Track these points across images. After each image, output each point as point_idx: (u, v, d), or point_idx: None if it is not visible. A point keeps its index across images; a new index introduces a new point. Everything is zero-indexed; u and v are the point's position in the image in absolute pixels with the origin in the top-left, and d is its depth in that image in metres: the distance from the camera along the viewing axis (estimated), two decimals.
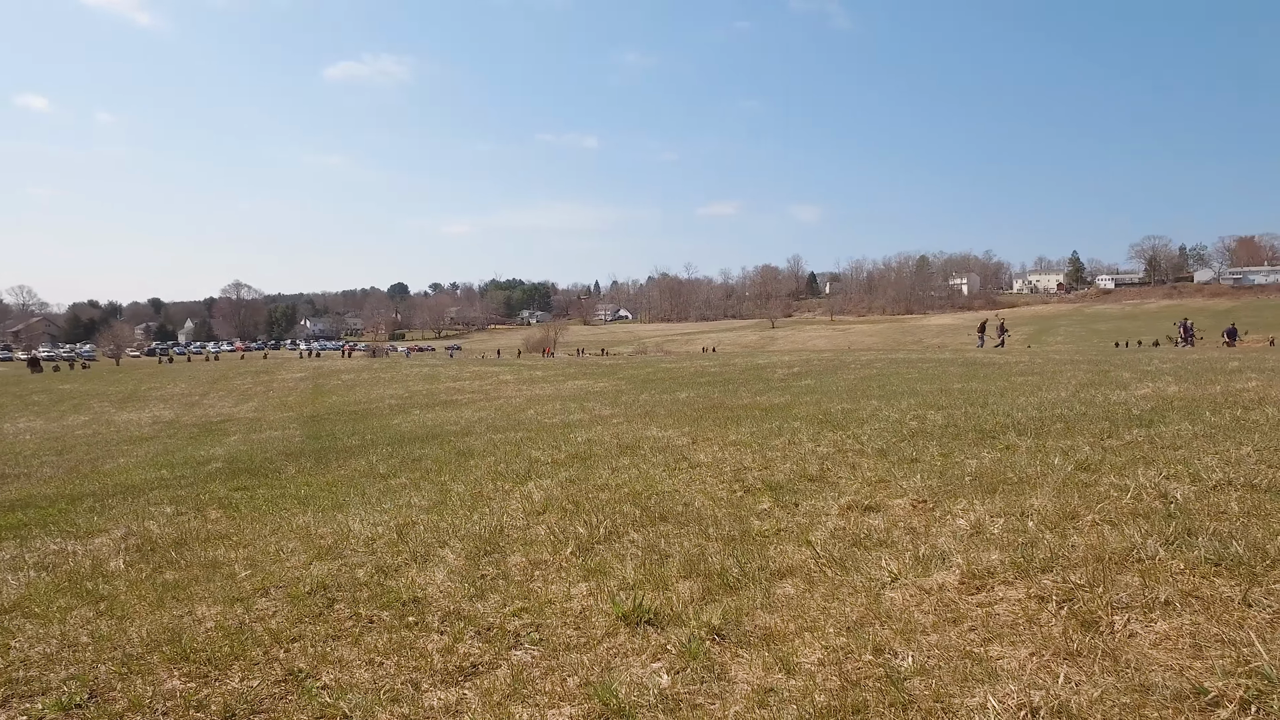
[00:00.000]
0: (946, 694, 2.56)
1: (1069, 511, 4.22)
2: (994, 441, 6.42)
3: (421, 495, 6.77)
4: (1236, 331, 40.94)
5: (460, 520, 5.54)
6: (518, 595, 3.94)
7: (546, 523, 5.22)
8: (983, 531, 4.09)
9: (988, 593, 3.35)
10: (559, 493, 6.14)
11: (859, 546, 4.11)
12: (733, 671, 2.93)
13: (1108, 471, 5.00)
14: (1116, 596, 3.09)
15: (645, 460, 7.21)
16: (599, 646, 3.27)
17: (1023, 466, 5.34)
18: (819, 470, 5.97)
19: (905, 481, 5.30)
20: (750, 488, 5.69)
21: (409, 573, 4.44)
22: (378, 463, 9.22)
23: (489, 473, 7.51)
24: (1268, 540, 3.42)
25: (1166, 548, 3.51)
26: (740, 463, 6.59)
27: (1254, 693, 2.34)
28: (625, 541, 4.64)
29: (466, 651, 3.32)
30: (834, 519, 4.68)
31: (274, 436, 14.41)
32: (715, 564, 4.04)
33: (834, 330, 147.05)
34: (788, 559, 4.03)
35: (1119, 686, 2.48)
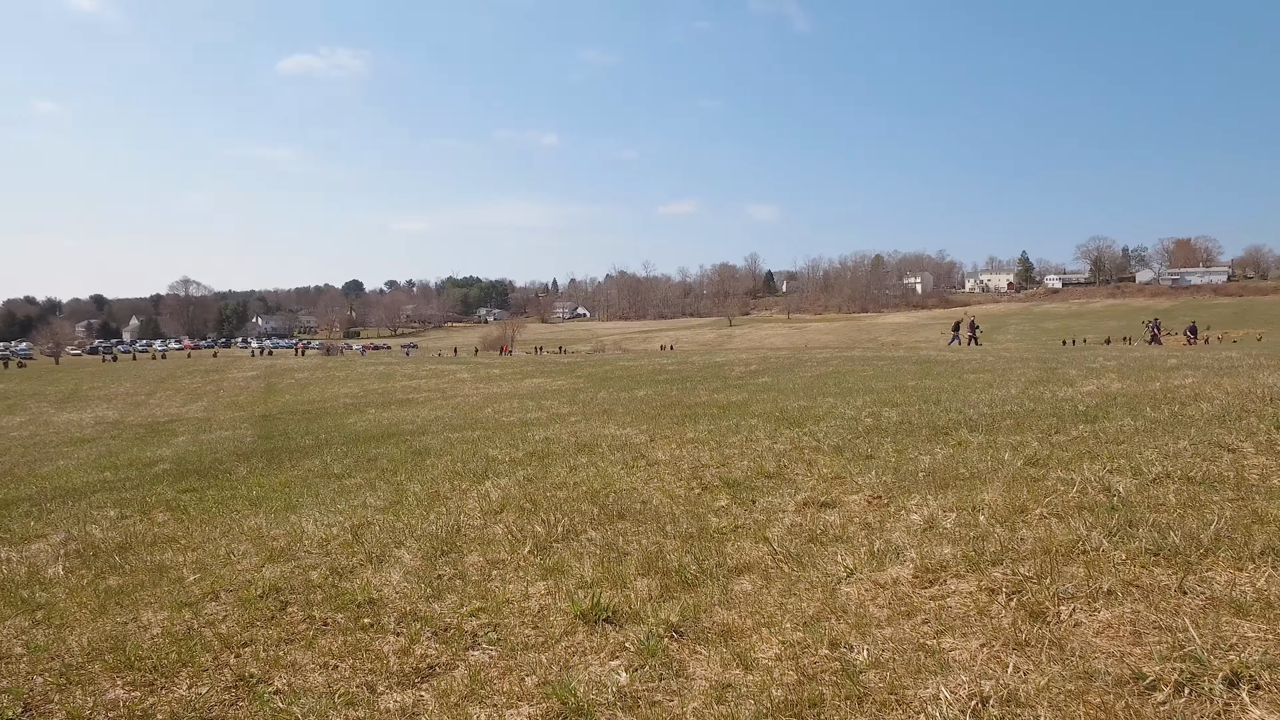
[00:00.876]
0: (900, 686, 2.60)
1: (1018, 505, 4.32)
2: (947, 438, 6.54)
3: (377, 495, 6.67)
4: (1197, 329, 42.66)
5: (416, 520, 5.47)
6: (475, 595, 3.90)
7: (504, 522, 5.19)
8: (936, 526, 4.17)
9: (940, 586, 3.42)
10: (517, 491, 6.10)
11: (815, 542, 4.16)
12: (691, 668, 2.94)
13: (1055, 466, 5.13)
14: (1063, 587, 3.18)
15: (603, 458, 7.20)
16: (557, 645, 3.26)
17: (974, 462, 5.45)
18: (776, 467, 6.03)
19: (861, 478, 5.38)
20: (708, 485, 5.72)
21: (364, 574, 4.37)
22: (332, 462, 9.07)
23: (446, 472, 7.43)
24: (1202, 530, 3.54)
25: (1109, 539, 3.61)
26: (698, 460, 6.62)
27: (1187, 675, 2.43)
28: (583, 540, 4.63)
29: (423, 653, 3.29)
30: (791, 515, 4.73)
31: (224, 436, 14.07)
32: (673, 561, 4.05)
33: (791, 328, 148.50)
34: (745, 555, 4.06)
35: (1064, 674, 2.55)
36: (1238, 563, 3.21)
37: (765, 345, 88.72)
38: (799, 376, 14.96)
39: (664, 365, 22.98)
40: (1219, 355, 14.95)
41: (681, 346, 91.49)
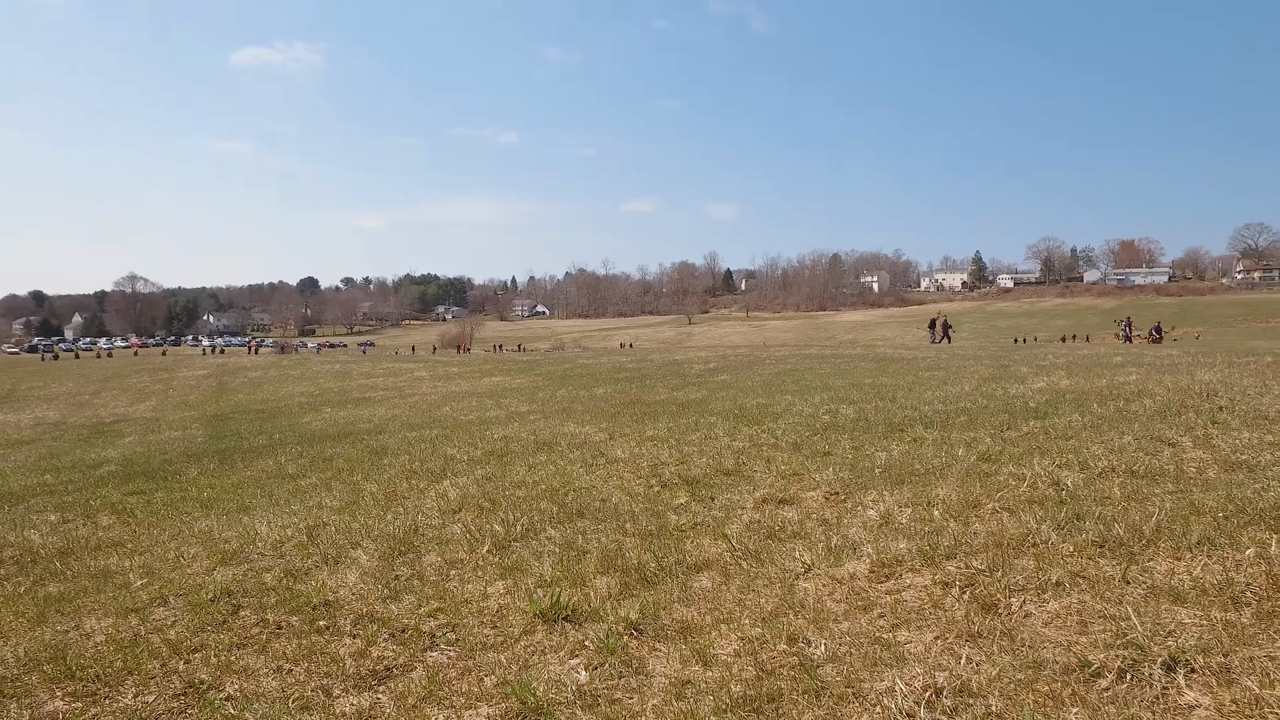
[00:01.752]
0: (857, 679, 2.64)
1: (971, 500, 4.41)
2: (902, 434, 6.65)
3: (333, 495, 6.57)
4: (1162, 328, 44.24)
5: (373, 520, 5.40)
6: (433, 595, 3.86)
7: (462, 521, 5.15)
8: (892, 521, 4.23)
9: (896, 580, 3.47)
10: (475, 490, 6.06)
11: (774, 538, 4.20)
12: (651, 665, 2.95)
13: (1007, 461, 5.25)
14: (1014, 580, 3.25)
15: (563, 457, 7.18)
16: (516, 645, 3.25)
17: (929, 458, 5.55)
18: (735, 464, 6.07)
19: (818, 474, 5.44)
20: (667, 483, 5.74)
21: (320, 575, 4.30)
22: (286, 463, 8.90)
23: (403, 471, 7.35)
24: (1144, 522, 3.65)
25: (1058, 532, 3.71)
26: (657, 458, 6.64)
27: (1129, 662, 2.51)
28: (542, 538, 4.61)
29: (380, 655, 3.24)
30: (749, 512, 4.76)
31: (174, 437, 13.72)
32: (633, 559, 4.06)
33: (750, 326, 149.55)
34: (704, 552, 4.08)
35: (1015, 664, 2.61)
36: (1176, 552, 3.32)
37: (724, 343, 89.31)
38: (758, 374, 15.07)
39: (623, 363, 22.99)
40: (1160, 353, 15.43)
41: (641, 344, 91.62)
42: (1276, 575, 2.99)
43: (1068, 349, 23.18)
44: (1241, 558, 3.18)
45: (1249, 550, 3.23)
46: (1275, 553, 3.17)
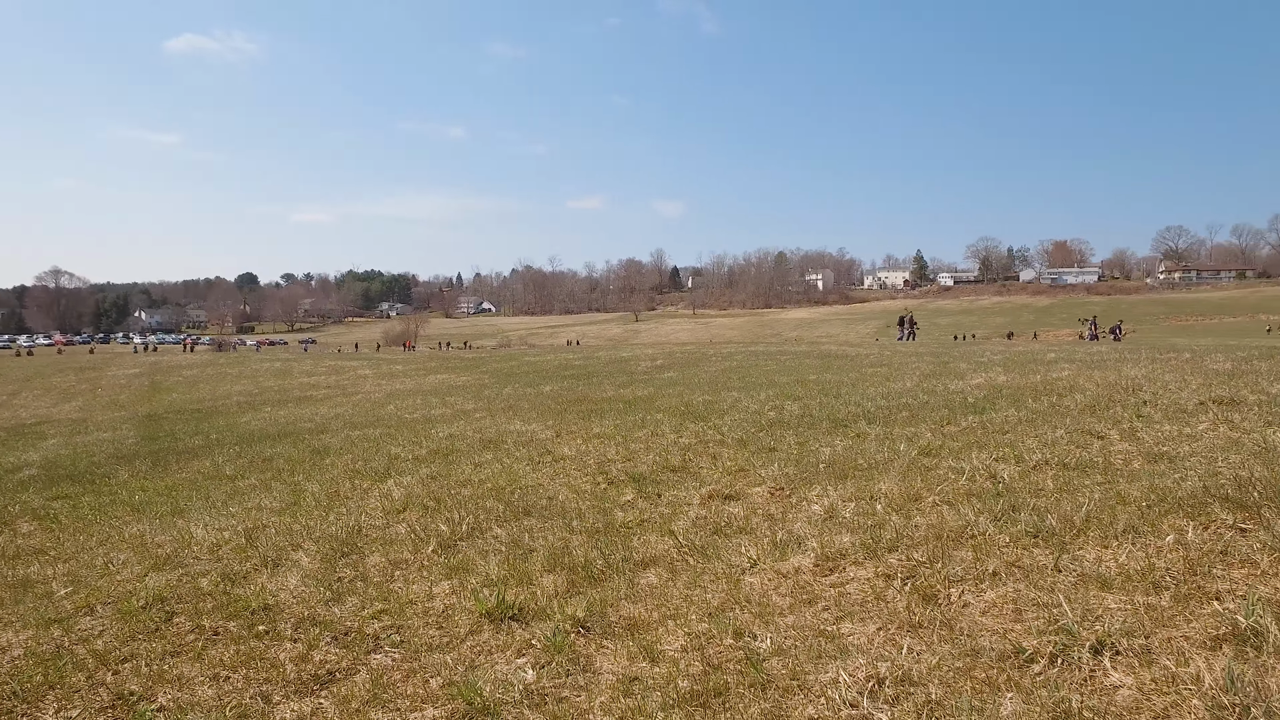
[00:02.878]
0: (802, 671, 2.68)
1: (913, 494, 4.51)
2: (846, 430, 6.76)
3: (273, 496, 6.41)
4: (1121, 327, 46.05)
5: (315, 521, 5.29)
6: (377, 597, 3.80)
7: (407, 521, 5.07)
8: (835, 516, 4.31)
9: (840, 573, 3.53)
10: (420, 490, 5.97)
11: (720, 534, 4.24)
12: (598, 662, 2.95)
13: (947, 455, 5.38)
14: (953, 571, 3.34)
15: (509, 455, 7.13)
16: (462, 645, 3.22)
17: (872, 453, 5.66)
18: (681, 461, 6.10)
19: (764, 470, 5.50)
20: (614, 480, 5.75)
21: (259, 579, 4.19)
22: (224, 463, 8.66)
23: (346, 471, 7.21)
24: (1075, 512, 3.78)
25: (995, 523, 3.82)
26: (604, 455, 6.64)
27: (1060, 647, 2.60)
28: (488, 537, 4.57)
29: (322, 659, 3.18)
30: (696, 508, 4.79)
31: (103, 439, 13.21)
32: (579, 556, 4.05)
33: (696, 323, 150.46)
34: (651, 549, 4.10)
35: (954, 652, 2.68)
36: (1104, 541, 3.44)
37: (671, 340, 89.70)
38: (704, 371, 15.18)
39: (570, 360, 22.93)
40: (1092, 350, 16.00)
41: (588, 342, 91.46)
42: (1193, 560, 3.13)
43: (1005, 345, 23.89)
44: (1162, 544, 3.32)
45: (1169, 537, 3.37)
46: (1192, 539, 3.32)
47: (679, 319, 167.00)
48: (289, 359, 41.66)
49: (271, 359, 41.70)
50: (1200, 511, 3.63)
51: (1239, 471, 4.16)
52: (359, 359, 37.23)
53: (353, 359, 37.70)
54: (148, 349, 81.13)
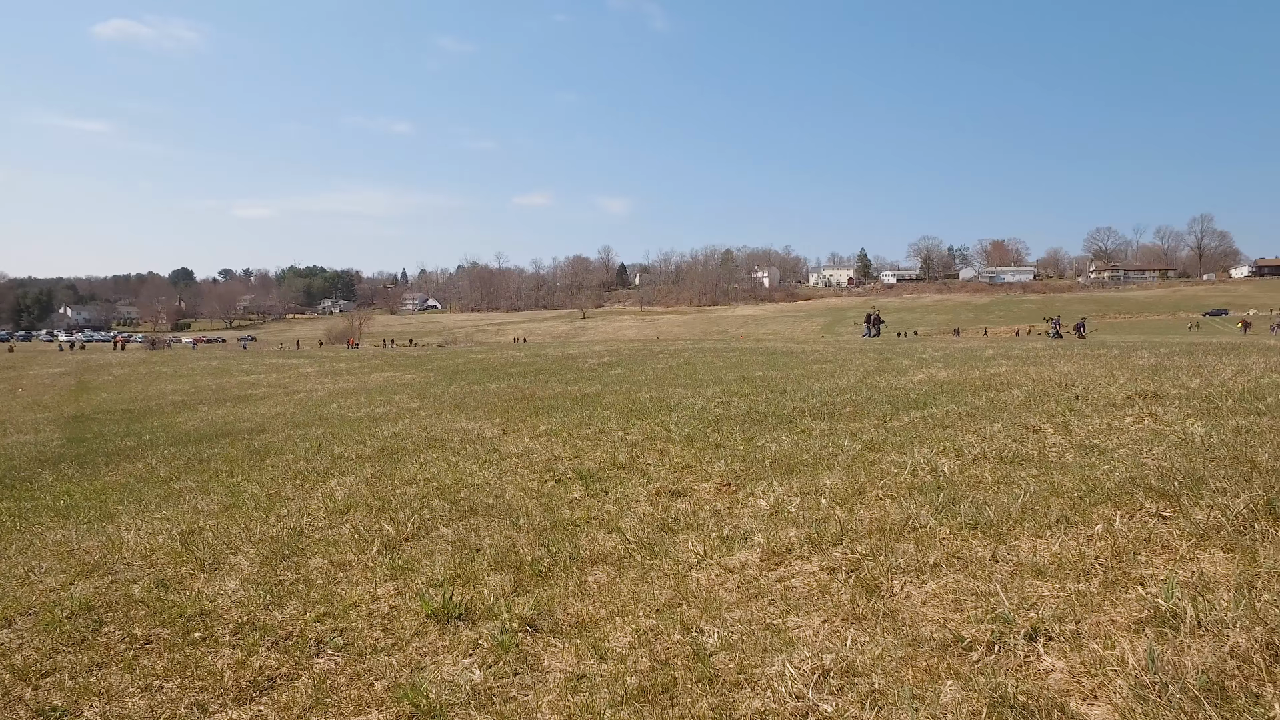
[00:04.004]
0: (749, 665, 2.71)
1: (857, 488, 4.59)
2: (792, 426, 6.85)
3: (210, 498, 6.23)
4: (1084, 325, 47.62)
5: (255, 523, 5.15)
6: (320, 599, 3.73)
7: (350, 521, 4.98)
8: (781, 511, 4.36)
9: (786, 568, 3.58)
10: (364, 489, 5.87)
11: (667, 530, 4.26)
12: (546, 661, 2.94)
13: (889, 450, 5.50)
14: (895, 563, 3.41)
15: (455, 453, 7.06)
16: (408, 647, 3.17)
17: (817, 449, 5.75)
18: (629, 458, 6.11)
19: (710, 466, 5.55)
20: (561, 477, 5.73)
21: (195, 584, 4.07)
22: (158, 465, 8.37)
23: (287, 471, 7.04)
24: (1011, 504, 3.90)
25: (936, 516, 3.92)
26: (551, 453, 6.61)
27: (997, 634, 2.68)
28: (434, 537, 4.52)
29: (262, 664, 3.10)
30: (643, 505, 4.81)
31: (23, 441, 12.64)
32: (527, 555, 4.03)
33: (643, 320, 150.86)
34: (598, 546, 4.10)
35: (896, 643, 2.74)
36: (1039, 531, 3.56)
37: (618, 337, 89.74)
38: (651, 368, 15.22)
39: (517, 358, 22.76)
40: (1027, 346, 16.49)
41: (535, 339, 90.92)
42: (1119, 547, 3.26)
43: (946, 342, 24.48)
44: (1092, 533, 3.44)
45: (1098, 526, 3.50)
46: (1119, 527, 3.46)
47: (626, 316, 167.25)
48: (227, 357, 40.50)
49: (209, 357, 40.49)
50: (1127, 501, 3.77)
51: (1161, 462, 4.34)
52: (301, 357, 36.39)
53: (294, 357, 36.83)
54: (74, 347, 77.65)
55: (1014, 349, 14.94)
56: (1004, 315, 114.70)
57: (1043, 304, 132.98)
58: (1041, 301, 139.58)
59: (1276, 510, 3.40)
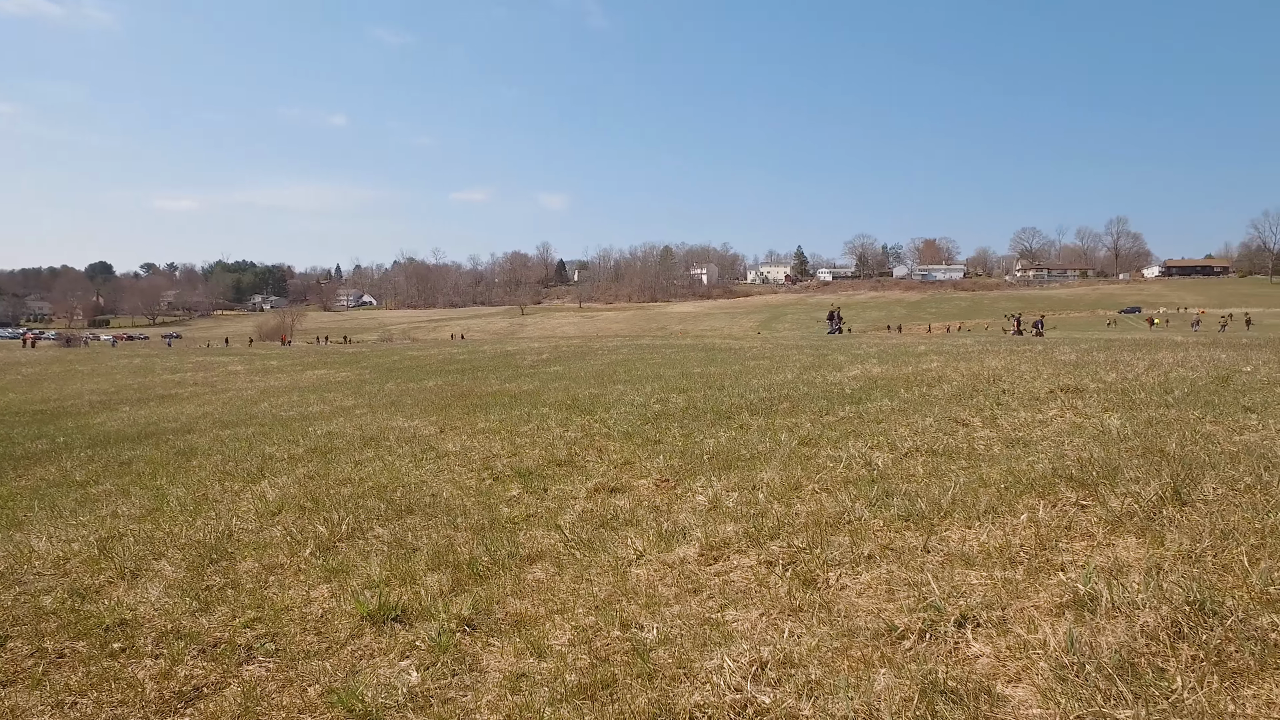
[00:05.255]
0: (688, 659, 2.73)
1: (793, 483, 4.67)
2: (730, 421, 6.92)
3: (131, 503, 5.97)
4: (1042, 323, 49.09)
5: (180, 527, 4.97)
6: (250, 604, 3.61)
7: (283, 523, 4.84)
8: (720, 506, 4.40)
9: (724, 562, 3.62)
10: (296, 490, 5.72)
11: (606, 527, 4.26)
12: (484, 661, 2.91)
13: (825, 445, 5.60)
14: (831, 555, 3.48)
15: (391, 452, 6.93)
16: (343, 650, 3.10)
17: (755, 444, 5.82)
18: (568, 455, 6.09)
19: (649, 462, 5.57)
20: (499, 475, 5.68)
21: (114, 592, 3.90)
22: (73, 469, 8.00)
23: (215, 473, 6.80)
24: (942, 496, 4.02)
25: (870, 509, 4.01)
26: (489, 450, 6.55)
27: (929, 623, 2.76)
28: (370, 537, 4.43)
29: (188, 674, 2.99)
30: (582, 502, 4.80)
31: None
32: (465, 554, 3.98)
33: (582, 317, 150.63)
34: (537, 544, 4.08)
35: (832, 634, 2.79)
36: (968, 521, 3.68)
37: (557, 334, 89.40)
38: (590, 365, 15.20)
39: (454, 355, 22.47)
40: (958, 342, 17.00)
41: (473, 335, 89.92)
42: (1043, 536, 3.39)
43: (880, 338, 25.06)
44: (1018, 522, 3.57)
45: (1023, 515, 3.64)
46: (1042, 516, 3.59)
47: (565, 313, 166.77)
48: (151, 354, 38.97)
49: (130, 355, 38.89)
50: (1049, 491, 3.92)
51: (1081, 453, 4.53)
52: (230, 354, 35.24)
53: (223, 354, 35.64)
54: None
55: (945, 345, 15.38)
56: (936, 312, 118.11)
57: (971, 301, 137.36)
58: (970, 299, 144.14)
59: (1182, 497, 3.58)
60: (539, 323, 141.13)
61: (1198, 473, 3.89)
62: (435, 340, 72.30)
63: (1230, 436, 4.78)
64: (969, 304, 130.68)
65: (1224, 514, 3.35)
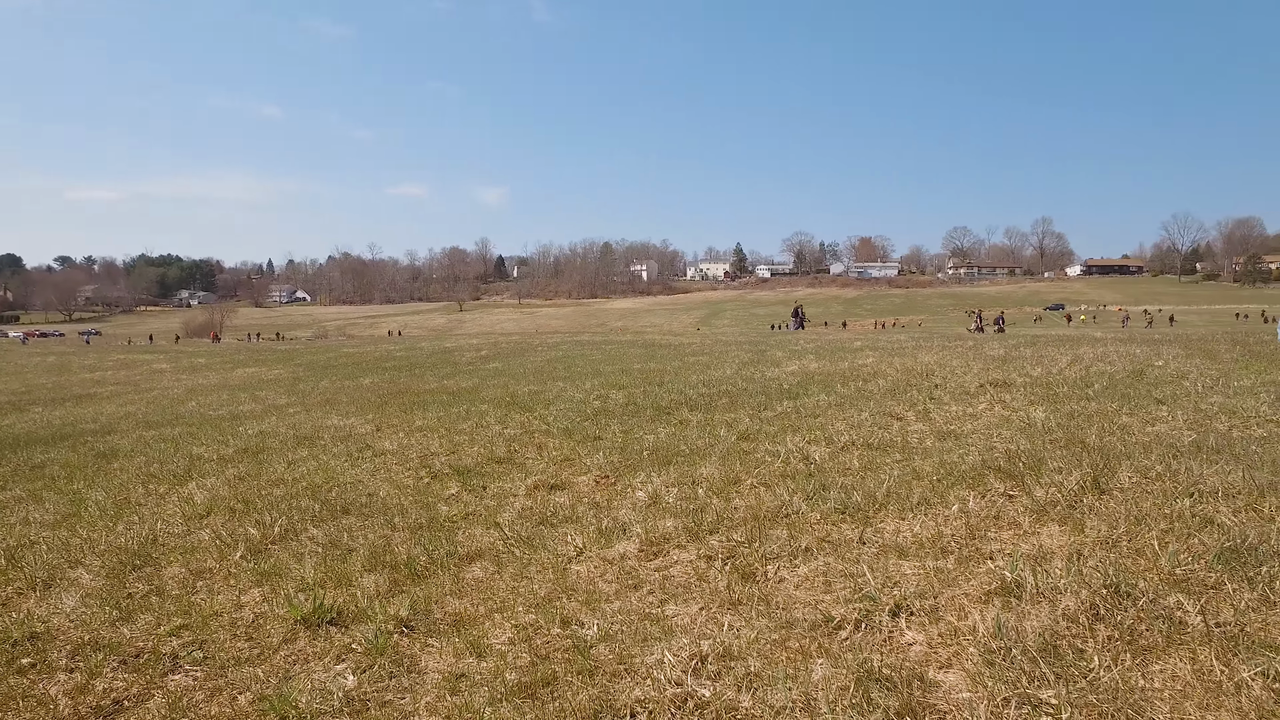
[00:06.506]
0: (629, 655, 2.73)
1: (732, 477, 4.71)
2: (669, 417, 6.95)
3: (44, 509, 5.69)
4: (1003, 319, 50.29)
5: (100, 533, 4.76)
6: (176, 611, 3.48)
7: (211, 526, 4.68)
8: (659, 501, 4.42)
9: (664, 557, 3.63)
10: (226, 492, 5.53)
11: (546, 524, 4.24)
12: (423, 662, 2.87)
13: (764, 440, 5.67)
14: (769, 549, 3.52)
15: (325, 451, 6.77)
16: (275, 655, 3.02)
17: (694, 439, 5.86)
18: (506, 452, 6.04)
19: (589, 459, 5.56)
20: (437, 473, 5.60)
21: (24, 604, 3.70)
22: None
23: (139, 475, 6.53)
24: (877, 489, 4.11)
25: (807, 502, 4.07)
26: (427, 448, 6.45)
27: (864, 613, 2.83)
28: (304, 539, 4.31)
29: (107, 687, 2.86)
30: (522, 499, 4.77)
31: None
32: (402, 554, 3.92)
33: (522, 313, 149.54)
34: (476, 542, 4.03)
35: (770, 626, 2.83)
36: (902, 513, 3.77)
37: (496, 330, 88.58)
38: (530, 361, 15.10)
39: (391, 352, 22.06)
40: (892, 338, 17.40)
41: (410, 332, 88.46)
42: (973, 526, 3.50)
43: (817, 334, 25.48)
44: (949, 513, 3.68)
45: (954, 506, 3.75)
46: (972, 507, 3.71)
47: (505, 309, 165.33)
48: (67, 352, 37.25)
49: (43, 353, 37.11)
50: (979, 482, 4.05)
51: (1009, 445, 4.68)
52: (155, 352, 33.90)
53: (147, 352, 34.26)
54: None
55: (880, 340, 15.72)
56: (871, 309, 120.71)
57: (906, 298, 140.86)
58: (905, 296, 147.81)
59: (1101, 486, 3.74)
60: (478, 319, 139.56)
61: (1115, 463, 4.06)
62: (372, 337, 70.89)
63: (1144, 427, 5.01)
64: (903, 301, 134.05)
65: (1138, 501, 3.51)
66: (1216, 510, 3.30)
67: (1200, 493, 3.51)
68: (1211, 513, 3.28)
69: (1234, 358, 7.93)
